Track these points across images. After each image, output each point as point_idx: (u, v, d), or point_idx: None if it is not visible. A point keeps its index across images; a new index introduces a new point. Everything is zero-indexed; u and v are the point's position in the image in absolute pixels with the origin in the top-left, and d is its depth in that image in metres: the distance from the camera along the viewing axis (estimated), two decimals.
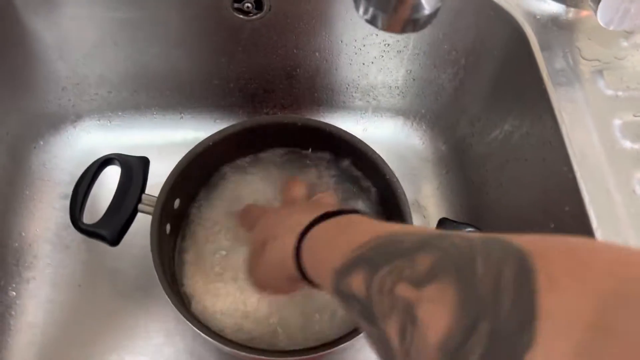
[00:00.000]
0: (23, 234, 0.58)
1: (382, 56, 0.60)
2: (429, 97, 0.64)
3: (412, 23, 0.32)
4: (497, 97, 0.55)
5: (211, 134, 0.49)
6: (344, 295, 0.29)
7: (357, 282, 0.27)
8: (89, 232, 0.47)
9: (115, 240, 0.47)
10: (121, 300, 0.56)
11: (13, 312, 0.54)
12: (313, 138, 0.52)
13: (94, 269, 0.58)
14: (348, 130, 0.51)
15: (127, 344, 0.54)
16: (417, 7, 0.33)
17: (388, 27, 0.32)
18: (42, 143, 0.62)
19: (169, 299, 0.43)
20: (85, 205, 0.48)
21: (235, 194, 0.54)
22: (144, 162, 0.50)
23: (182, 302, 0.46)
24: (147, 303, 0.56)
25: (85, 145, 0.64)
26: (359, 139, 0.50)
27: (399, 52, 0.59)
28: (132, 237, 0.48)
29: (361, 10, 0.34)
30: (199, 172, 0.51)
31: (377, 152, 0.50)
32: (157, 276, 0.43)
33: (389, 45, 0.59)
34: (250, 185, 0.54)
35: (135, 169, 0.49)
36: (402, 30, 0.32)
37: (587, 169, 0.43)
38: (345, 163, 0.53)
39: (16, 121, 0.58)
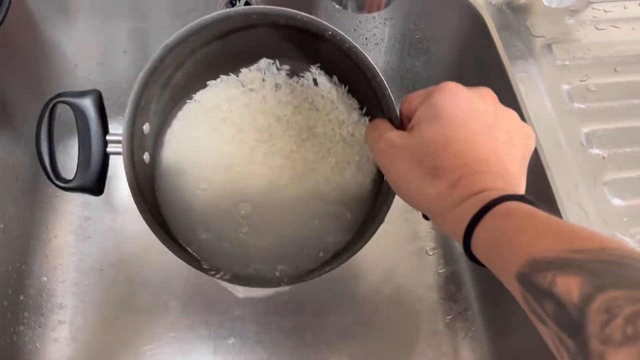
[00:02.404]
0: (49, 226, 0.64)
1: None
2: (407, 85, 0.71)
3: (376, 3, 0.39)
4: (463, 76, 0.62)
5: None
6: (534, 287, 0.26)
7: (566, 284, 0.24)
8: (69, 189, 0.44)
9: (98, 191, 0.45)
10: (139, 281, 0.62)
11: (44, 295, 0.60)
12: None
13: (113, 255, 0.64)
14: None
15: (148, 319, 0.60)
16: None
17: (357, 9, 0.39)
18: (61, 147, 0.69)
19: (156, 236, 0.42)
20: (55, 162, 0.45)
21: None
22: (95, 99, 0.45)
23: (168, 233, 0.44)
24: (164, 282, 0.62)
25: None
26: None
27: (376, 44, 0.67)
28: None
29: None
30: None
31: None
32: (143, 218, 0.41)
33: (367, 39, 0.66)
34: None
35: (88, 110, 0.44)
36: (369, 9, 0.39)
37: (542, 127, 0.50)
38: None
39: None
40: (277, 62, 0.47)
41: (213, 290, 0.61)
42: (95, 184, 0.44)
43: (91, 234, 0.65)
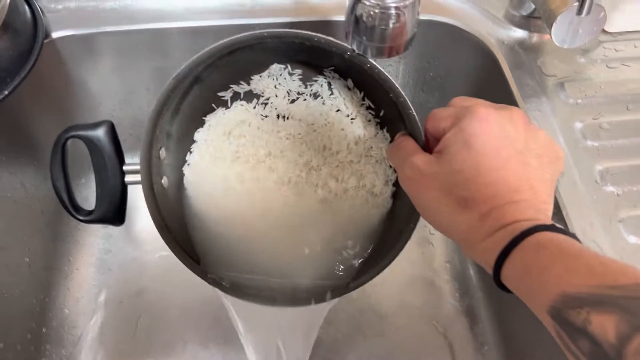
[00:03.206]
0: (71, 259, 0.66)
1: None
2: (421, 119, 0.72)
3: (395, 49, 0.40)
4: None
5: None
6: (567, 324, 0.26)
7: (601, 322, 0.24)
8: (90, 221, 0.45)
9: (119, 221, 0.46)
10: (159, 313, 0.63)
11: (66, 327, 0.61)
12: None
13: (133, 287, 0.65)
14: None
15: (167, 351, 0.61)
16: (397, 35, 0.41)
17: (377, 55, 0.41)
18: (83, 180, 0.70)
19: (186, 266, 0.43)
20: (73, 195, 0.46)
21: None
22: (108, 130, 0.45)
23: (193, 260, 0.44)
24: (183, 314, 0.63)
25: None
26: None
27: None
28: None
29: (354, 45, 0.42)
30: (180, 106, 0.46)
31: None
32: (162, 238, 0.42)
33: None
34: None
35: (102, 143, 0.44)
36: (389, 55, 0.41)
37: None
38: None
39: None
40: (289, 66, 0.46)
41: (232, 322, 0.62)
42: (116, 215, 0.45)
43: (112, 266, 0.66)
